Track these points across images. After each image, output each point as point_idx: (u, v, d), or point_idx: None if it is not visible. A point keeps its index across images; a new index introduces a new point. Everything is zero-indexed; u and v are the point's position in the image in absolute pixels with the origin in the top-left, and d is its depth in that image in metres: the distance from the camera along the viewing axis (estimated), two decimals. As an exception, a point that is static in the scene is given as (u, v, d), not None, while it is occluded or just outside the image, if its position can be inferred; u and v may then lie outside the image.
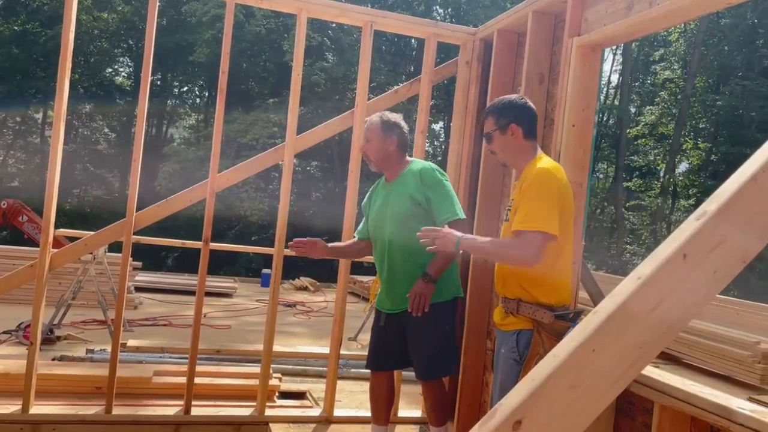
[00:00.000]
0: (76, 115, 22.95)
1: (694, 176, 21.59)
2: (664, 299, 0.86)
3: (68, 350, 5.37)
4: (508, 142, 2.54)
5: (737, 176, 0.96)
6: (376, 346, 3.30)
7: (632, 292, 0.86)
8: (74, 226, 16.72)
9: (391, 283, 3.16)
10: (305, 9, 3.84)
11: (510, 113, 2.53)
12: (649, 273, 0.86)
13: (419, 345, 3.11)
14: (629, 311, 0.86)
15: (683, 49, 22.06)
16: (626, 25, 2.83)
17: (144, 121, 3.77)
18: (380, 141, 3.18)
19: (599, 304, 0.91)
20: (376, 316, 3.33)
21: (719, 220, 0.90)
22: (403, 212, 3.10)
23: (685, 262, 0.87)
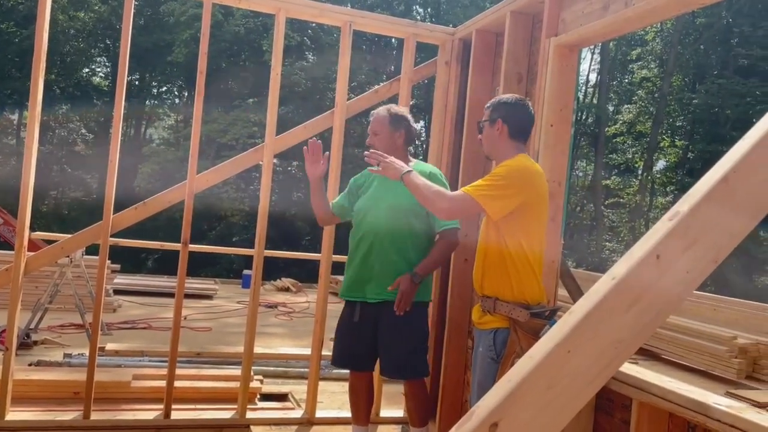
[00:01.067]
0: (52, 116, 22.61)
1: (672, 173, 21.90)
2: (638, 299, 0.87)
3: (45, 355, 5.29)
4: (493, 136, 2.60)
5: (709, 177, 0.97)
6: (348, 343, 3.21)
7: (607, 292, 0.86)
8: (51, 228, 16.49)
9: (375, 271, 3.10)
10: (284, 9, 3.82)
11: (502, 109, 2.59)
12: (623, 273, 0.87)
13: (393, 342, 3.08)
14: (604, 311, 0.87)
15: (660, 48, 22.35)
16: (602, 25, 2.86)
17: (120, 123, 3.72)
18: (388, 134, 3.16)
19: (575, 304, 0.91)
20: (348, 310, 3.22)
21: (691, 221, 0.91)
22: (405, 206, 3.07)
23: (658, 262, 0.88)
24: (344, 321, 3.25)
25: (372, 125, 3.22)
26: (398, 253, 3.08)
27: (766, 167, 0.98)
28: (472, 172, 3.82)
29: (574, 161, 24.31)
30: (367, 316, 3.13)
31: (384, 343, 3.11)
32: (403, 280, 2.99)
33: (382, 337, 3.11)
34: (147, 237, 11.76)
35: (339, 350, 3.26)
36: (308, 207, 3.49)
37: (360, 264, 3.15)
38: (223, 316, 8.64)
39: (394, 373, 3.20)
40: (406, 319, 3.04)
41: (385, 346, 3.11)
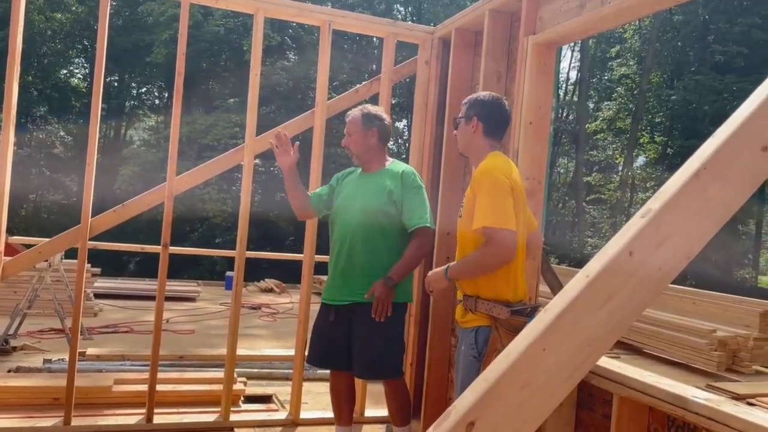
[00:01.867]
0: (30, 118, 22.33)
1: (652, 169, 22.16)
2: (612, 296, 0.87)
3: (25, 361, 5.21)
4: (468, 133, 2.60)
5: (680, 174, 0.98)
6: (323, 342, 3.22)
7: (581, 290, 0.87)
8: (31, 232, 16.27)
9: (347, 274, 3.12)
10: (262, 9, 3.80)
11: (478, 107, 2.59)
12: (597, 270, 0.88)
13: (366, 343, 3.08)
14: (579, 309, 0.87)
15: (638, 45, 22.59)
16: (579, 23, 2.88)
17: (97, 125, 3.67)
18: (361, 133, 3.19)
19: (550, 302, 0.92)
20: (324, 311, 3.24)
21: (663, 218, 0.92)
22: (377, 207, 3.10)
23: (631, 259, 0.89)
24: (320, 320, 3.27)
25: (347, 126, 3.26)
26: (369, 254, 3.10)
27: (736, 164, 1.00)
28: (453, 169, 3.83)
29: (555, 158, 24.50)
30: (341, 317, 3.15)
31: (356, 344, 3.11)
32: (377, 286, 3.00)
33: (354, 339, 3.11)
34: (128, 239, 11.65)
35: (314, 349, 3.27)
36: (291, 207, 3.47)
37: (333, 266, 3.20)
38: (206, 319, 8.58)
39: (366, 373, 3.21)
40: (374, 321, 3.05)
41: (358, 347, 3.11)
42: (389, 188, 3.12)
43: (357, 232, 3.11)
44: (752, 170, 0.99)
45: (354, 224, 3.12)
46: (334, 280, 3.19)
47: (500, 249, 2.33)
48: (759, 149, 0.99)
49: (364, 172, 3.27)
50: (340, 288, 3.15)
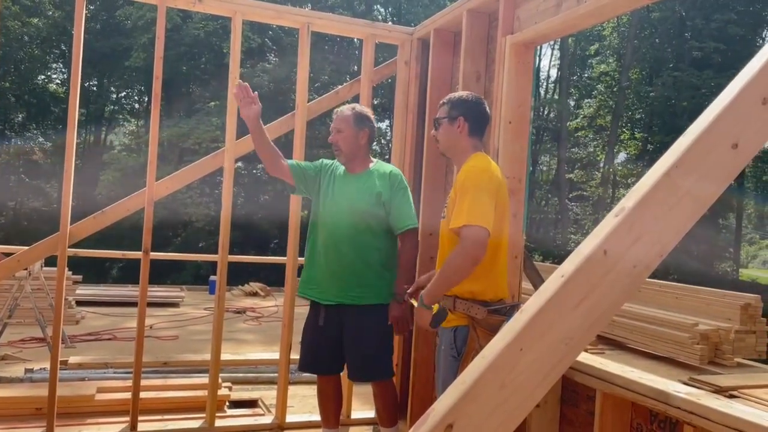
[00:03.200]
0: (8, 124, 22.05)
1: (632, 165, 22.41)
2: (587, 295, 0.88)
3: (5, 371, 5.13)
4: (452, 133, 2.60)
5: (652, 172, 0.99)
6: (313, 347, 3.21)
7: (556, 290, 0.88)
8: (11, 240, 16.03)
9: (336, 274, 3.11)
10: (240, 12, 3.78)
11: (462, 107, 2.59)
12: (572, 270, 0.88)
13: (357, 345, 3.09)
14: (554, 309, 0.88)
15: (617, 43, 22.81)
16: (556, 22, 2.90)
17: (75, 130, 3.63)
18: (352, 133, 3.16)
19: (526, 303, 0.92)
20: (314, 313, 3.22)
21: (637, 216, 0.93)
22: (365, 209, 3.10)
23: (605, 258, 0.90)
24: (309, 325, 3.25)
25: (335, 123, 3.20)
26: (358, 254, 3.09)
27: (707, 162, 1.01)
28: (435, 169, 3.84)
29: (537, 156, 24.66)
30: (331, 319, 3.14)
31: (348, 345, 3.12)
32: (393, 308, 3.06)
33: (346, 340, 3.12)
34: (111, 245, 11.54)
35: (305, 355, 3.25)
36: (275, 210, 3.46)
37: (322, 267, 3.16)
38: (189, 324, 8.50)
39: (359, 375, 3.21)
40: (370, 322, 3.07)
41: (350, 349, 3.12)
42: (378, 190, 3.12)
43: (346, 232, 3.09)
44: (723, 167, 1.00)
45: (343, 225, 3.10)
46: (325, 281, 3.14)
47: (468, 247, 2.30)
48: (729, 146, 1.00)
49: (349, 172, 3.23)
50: (329, 288, 3.13)
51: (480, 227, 2.30)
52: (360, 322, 3.04)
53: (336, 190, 3.21)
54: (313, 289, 3.20)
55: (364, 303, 3.09)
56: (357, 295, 3.09)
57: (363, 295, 3.10)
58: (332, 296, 3.12)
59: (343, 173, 3.26)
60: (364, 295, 3.10)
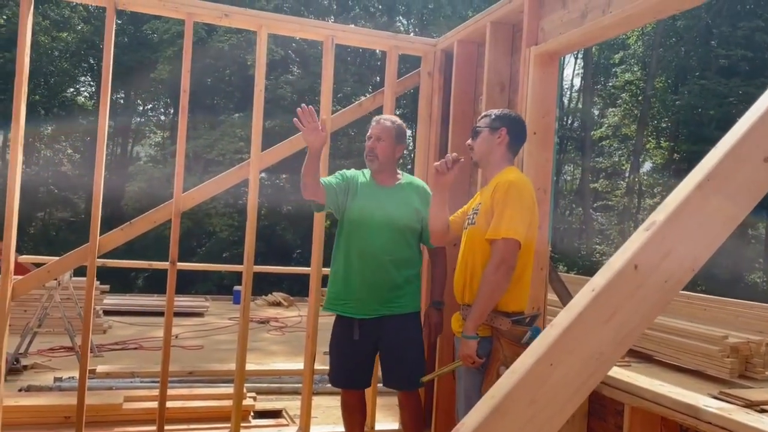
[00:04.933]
0: (38, 137, 22.50)
1: (658, 175, 22.09)
2: (617, 310, 0.87)
3: (35, 379, 5.23)
4: (491, 143, 2.62)
5: (683, 186, 0.98)
6: (348, 362, 3.17)
7: (587, 305, 0.87)
8: (39, 250, 16.36)
9: (375, 287, 3.08)
10: (265, 25, 3.83)
11: (506, 120, 2.64)
12: (602, 285, 0.88)
13: (402, 353, 3.09)
14: (585, 323, 0.87)
15: (642, 51, 22.59)
16: (581, 33, 2.89)
17: (104, 143, 3.70)
18: (392, 144, 3.17)
19: (556, 318, 0.92)
20: (346, 326, 3.14)
21: (668, 230, 0.92)
22: (406, 223, 3.12)
23: (636, 272, 0.89)
24: (341, 339, 3.18)
25: (376, 130, 3.16)
26: (396, 269, 3.10)
27: (738, 175, 1.00)
28: (458, 182, 3.82)
29: (561, 166, 24.48)
30: (367, 333, 3.11)
31: (390, 354, 3.11)
32: (432, 314, 3.13)
33: (386, 351, 3.12)
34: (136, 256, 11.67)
35: (338, 370, 3.21)
36: (298, 220, 3.49)
37: (359, 281, 3.10)
38: (214, 334, 8.58)
39: (408, 385, 3.14)
40: (410, 330, 3.11)
41: (392, 357, 3.11)
42: (416, 205, 3.13)
43: (385, 246, 3.08)
44: (755, 181, 0.99)
45: (382, 239, 3.08)
46: (359, 294, 3.09)
47: (502, 260, 2.37)
48: (761, 159, 0.99)
49: (382, 183, 3.20)
50: (366, 302, 3.09)
51: (514, 240, 2.37)
52: (401, 330, 3.08)
53: (370, 203, 3.16)
54: (346, 305, 3.14)
55: (403, 312, 3.11)
56: (397, 304, 3.10)
57: (401, 305, 3.11)
58: (372, 310, 3.09)
59: (373, 184, 3.21)
60: (403, 304, 3.12)
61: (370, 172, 3.25)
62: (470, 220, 2.64)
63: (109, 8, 3.59)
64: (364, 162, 3.28)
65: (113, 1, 3.59)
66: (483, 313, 2.42)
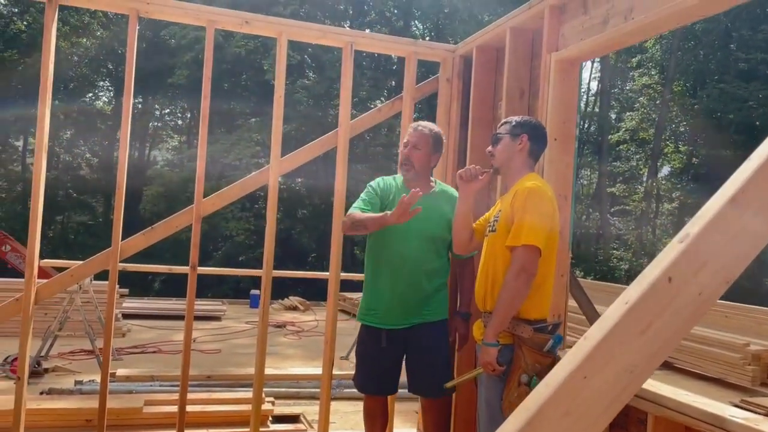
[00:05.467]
0: (57, 141, 22.80)
1: (676, 179, 21.88)
2: (651, 323, 0.87)
3: (56, 383, 5.29)
4: (512, 149, 2.62)
5: (717, 197, 0.97)
6: (375, 369, 3.17)
7: (620, 317, 0.87)
8: (58, 253, 16.53)
9: (407, 298, 3.08)
10: (285, 32, 3.86)
11: (528, 127, 2.64)
12: (636, 297, 0.87)
13: (429, 360, 3.09)
14: (618, 336, 0.87)
15: (660, 55, 22.41)
16: (603, 39, 2.87)
17: (126, 150, 3.74)
18: (429, 152, 3.15)
19: (589, 330, 0.91)
20: (374, 336, 3.14)
21: (702, 242, 0.92)
22: (438, 234, 3.10)
23: (670, 285, 0.88)
24: (368, 346, 3.19)
25: (414, 137, 3.15)
26: (428, 280, 3.11)
27: (774, 187, 0.99)
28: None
29: (578, 170, 24.34)
30: (395, 341, 3.11)
31: (418, 361, 3.11)
32: (460, 325, 3.15)
33: (414, 358, 3.12)
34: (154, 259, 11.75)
35: (365, 376, 3.21)
36: (313, 224, 3.51)
37: (389, 291, 3.10)
38: (232, 337, 8.63)
39: (437, 392, 3.10)
40: (438, 336, 3.10)
41: (420, 366, 3.11)
42: (449, 215, 3.08)
43: (418, 256, 3.06)
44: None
45: (414, 251, 3.07)
46: (390, 304, 3.09)
47: (522, 267, 2.36)
48: (797, 171, 0.98)
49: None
50: (398, 313, 3.09)
51: (534, 247, 2.37)
52: (429, 337, 3.08)
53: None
54: (375, 315, 3.15)
55: (432, 320, 3.11)
56: (426, 312, 3.10)
57: (431, 312, 3.12)
58: (401, 319, 3.08)
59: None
60: (431, 312, 3.12)
61: (402, 179, 3.24)
62: (491, 228, 2.63)
63: (132, 16, 3.64)
64: (381, 166, 3.29)
65: (136, 9, 3.64)
66: (503, 321, 2.41)
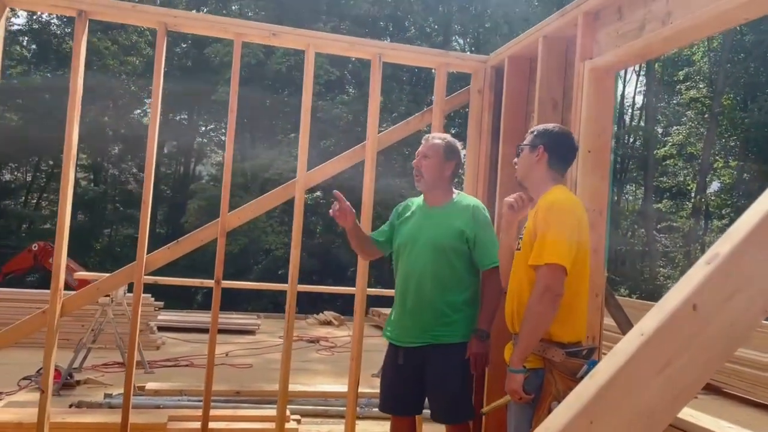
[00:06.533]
0: (106, 156, 23.49)
1: (726, 195, 21.10)
2: (672, 359, 0.73)
3: (87, 395, 5.31)
4: (530, 162, 2.49)
5: (753, 212, 0.82)
6: (393, 387, 3.09)
7: (635, 352, 0.73)
8: (105, 264, 16.90)
9: (417, 313, 2.98)
10: (313, 44, 3.81)
11: (546, 137, 2.49)
12: (654, 328, 0.73)
13: (443, 384, 2.95)
14: (632, 374, 0.73)
15: (708, 68, 21.77)
16: (639, 45, 2.72)
17: (153, 165, 3.73)
18: (440, 162, 3.06)
19: (597, 366, 0.78)
20: (392, 353, 3.10)
21: (734, 263, 0.77)
22: (448, 244, 2.96)
23: (695, 314, 0.74)
24: (388, 364, 3.14)
25: (424, 148, 3.09)
26: (439, 291, 2.96)
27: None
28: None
29: (622, 185, 23.76)
30: (411, 360, 3.00)
31: (433, 386, 2.98)
32: (473, 344, 2.91)
33: (430, 382, 2.98)
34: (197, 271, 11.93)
35: (384, 394, 3.14)
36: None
37: (401, 306, 3.05)
38: (265, 352, 8.59)
39: (446, 417, 3.02)
40: (455, 361, 2.93)
41: (434, 389, 2.97)
42: (460, 225, 2.98)
43: (426, 268, 2.96)
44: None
45: (423, 260, 2.98)
46: (401, 320, 3.04)
47: (546, 288, 2.20)
48: None
49: (429, 204, 3.11)
50: (410, 329, 3.00)
51: (557, 265, 2.21)
52: (445, 361, 2.92)
53: (415, 223, 3.08)
54: (393, 331, 3.10)
55: (449, 342, 2.95)
56: (441, 333, 2.95)
57: (447, 334, 2.96)
58: (414, 337, 2.99)
59: (423, 206, 3.14)
60: (448, 333, 2.96)
61: (423, 194, 3.19)
62: (517, 245, 2.49)
63: (160, 29, 3.66)
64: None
65: (164, 23, 3.65)
66: (528, 346, 2.26)
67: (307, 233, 19.48)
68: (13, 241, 18.39)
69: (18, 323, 3.68)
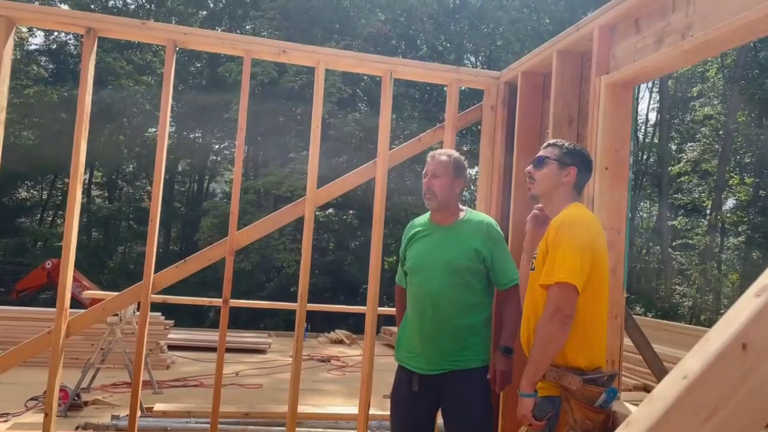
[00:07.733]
0: (120, 174, 23.67)
1: (743, 212, 20.80)
2: (719, 405, 0.63)
3: (94, 416, 5.24)
4: (558, 179, 2.39)
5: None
6: (408, 415, 2.94)
7: (677, 397, 0.64)
8: (118, 283, 16.93)
9: (434, 339, 2.84)
10: (323, 61, 3.76)
11: (578, 157, 2.41)
12: (698, 370, 0.64)
13: (465, 411, 2.81)
14: (673, 423, 0.64)
15: (722, 84, 21.61)
16: (658, 59, 2.63)
17: (161, 183, 3.69)
18: (450, 180, 2.95)
19: (633, 413, 0.69)
20: (405, 378, 2.95)
21: (788, 296, 0.68)
22: (463, 264, 2.84)
23: (745, 353, 0.65)
24: (400, 388, 2.99)
25: (432, 167, 2.98)
26: (458, 314, 2.83)
27: None
28: (523, 218, 3.57)
29: (636, 202, 23.54)
30: (427, 386, 2.87)
31: (452, 413, 2.85)
32: (500, 361, 2.79)
33: (447, 410, 2.85)
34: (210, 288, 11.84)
35: (397, 422, 2.99)
36: (365, 256, 3.35)
37: (417, 332, 2.90)
38: (276, 371, 8.48)
39: None
40: (476, 386, 2.81)
41: (454, 416, 2.84)
42: (475, 244, 2.86)
43: (444, 291, 2.83)
44: None
45: (439, 283, 2.84)
46: (419, 346, 2.89)
47: (555, 309, 2.10)
48: None
49: (440, 223, 2.99)
50: (430, 356, 2.86)
51: (568, 284, 2.10)
52: (464, 388, 2.80)
53: (429, 246, 2.96)
54: (407, 356, 2.97)
55: (468, 367, 2.83)
56: (460, 358, 2.83)
57: (465, 358, 2.84)
58: (435, 365, 2.85)
59: (432, 225, 3.02)
60: (466, 358, 2.84)
61: (429, 213, 3.07)
62: (531, 265, 2.40)
63: (169, 46, 3.63)
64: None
65: (173, 40, 3.62)
66: (539, 369, 2.16)
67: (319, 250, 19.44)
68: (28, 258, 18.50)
69: (23, 344, 3.61)
